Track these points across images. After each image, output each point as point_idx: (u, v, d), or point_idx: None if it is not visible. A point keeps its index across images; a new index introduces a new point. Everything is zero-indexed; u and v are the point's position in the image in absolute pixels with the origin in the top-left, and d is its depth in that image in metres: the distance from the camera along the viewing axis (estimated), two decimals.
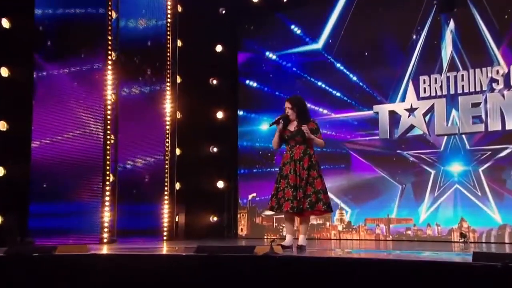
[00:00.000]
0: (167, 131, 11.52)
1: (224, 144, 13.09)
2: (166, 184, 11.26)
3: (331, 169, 11.52)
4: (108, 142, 10.30)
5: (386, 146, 11.32)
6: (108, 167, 10.19)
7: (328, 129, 11.71)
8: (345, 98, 11.76)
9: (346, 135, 11.72)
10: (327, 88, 11.93)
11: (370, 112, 11.50)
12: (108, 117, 10.33)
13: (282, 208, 7.33)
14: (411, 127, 11.23)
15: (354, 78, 11.74)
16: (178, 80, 12.02)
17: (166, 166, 11.37)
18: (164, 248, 9.26)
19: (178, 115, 12.07)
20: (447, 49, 10.83)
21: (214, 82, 12.99)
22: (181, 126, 11.99)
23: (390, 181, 11.31)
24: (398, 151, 11.28)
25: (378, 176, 11.41)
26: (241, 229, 12.77)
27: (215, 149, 13.09)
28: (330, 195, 8.17)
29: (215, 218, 12.88)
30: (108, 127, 10.32)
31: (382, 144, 11.37)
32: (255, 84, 12.83)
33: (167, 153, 11.34)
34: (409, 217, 11.04)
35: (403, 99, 11.26)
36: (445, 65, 10.88)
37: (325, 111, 11.86)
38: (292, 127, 7.56)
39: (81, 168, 10.09)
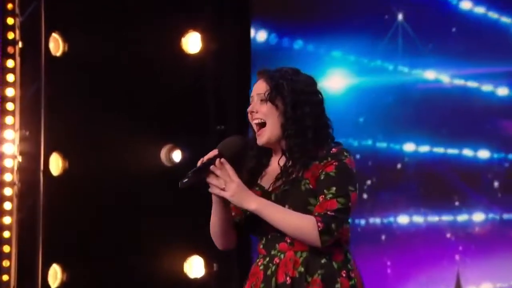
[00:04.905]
0: (10, 106, 5.98)
1: (202, 136, 6.11)
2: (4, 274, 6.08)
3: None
4: None
5: None
6: None
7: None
8: None
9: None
10: None
11: None
12: None
13: None
14: None
15: None
16: None
17: (8, 220, 5.87)
18: None
19: (59, 49, 5.99)
20: None
21: None
22: (66, 82, 5.81)
23: None
24: None
25: None
26: None
27: (176, 156, 6.08)
28: None
29: None
30: None
31: None
32: None
33: (10, 176, 5.84)
34: None
35: None
36: None
37: None
38: (270, 174, 2.99)
39: None
